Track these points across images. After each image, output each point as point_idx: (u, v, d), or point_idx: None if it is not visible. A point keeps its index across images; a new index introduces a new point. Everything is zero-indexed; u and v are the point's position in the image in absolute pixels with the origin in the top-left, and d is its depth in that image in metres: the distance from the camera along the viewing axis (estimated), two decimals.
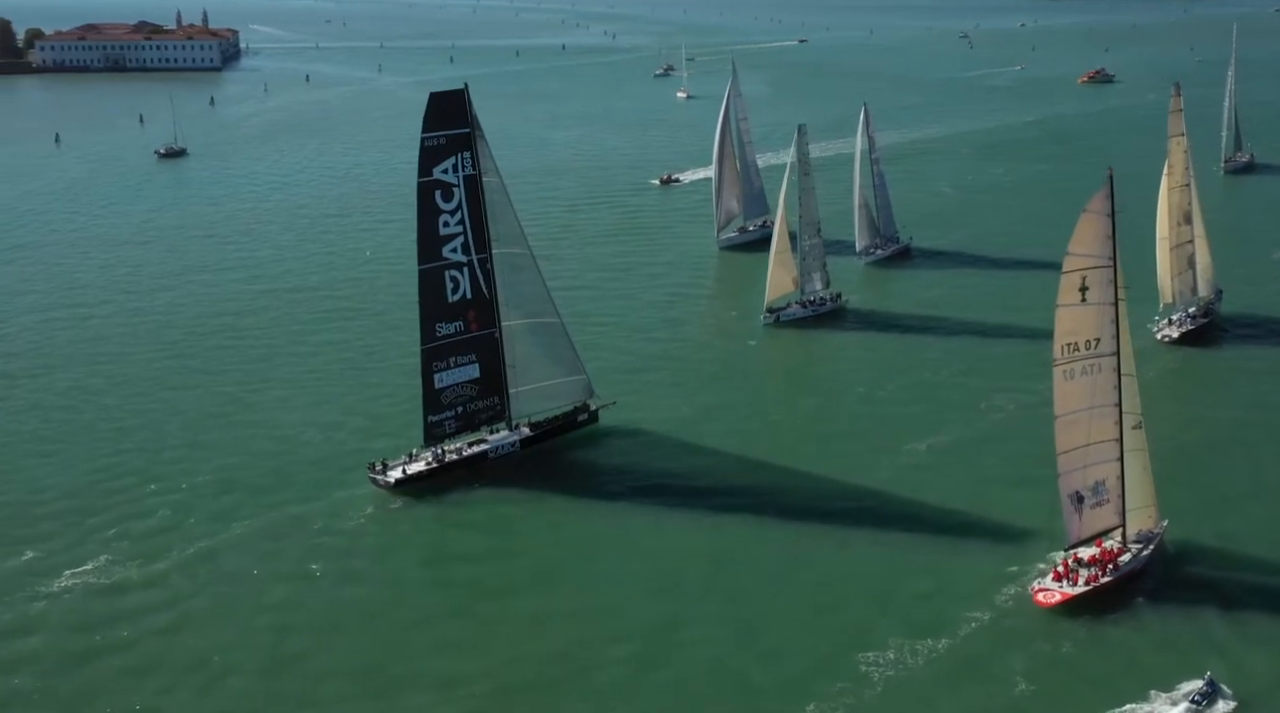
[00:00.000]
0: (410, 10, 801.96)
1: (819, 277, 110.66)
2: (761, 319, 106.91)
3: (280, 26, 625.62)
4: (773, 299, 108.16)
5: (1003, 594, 61.97)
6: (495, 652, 58.31)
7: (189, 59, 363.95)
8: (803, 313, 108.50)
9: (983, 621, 59.77)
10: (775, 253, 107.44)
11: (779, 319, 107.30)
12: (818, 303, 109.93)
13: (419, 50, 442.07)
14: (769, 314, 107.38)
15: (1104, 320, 62.84)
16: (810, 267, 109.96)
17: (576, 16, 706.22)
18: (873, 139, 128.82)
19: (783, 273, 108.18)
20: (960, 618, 59.70)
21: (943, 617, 59.86)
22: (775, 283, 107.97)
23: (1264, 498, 72.68)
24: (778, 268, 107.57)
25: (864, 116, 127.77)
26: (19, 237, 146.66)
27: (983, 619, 59.85)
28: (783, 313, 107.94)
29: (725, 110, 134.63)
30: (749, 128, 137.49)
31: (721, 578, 64.89)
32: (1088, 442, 63.34)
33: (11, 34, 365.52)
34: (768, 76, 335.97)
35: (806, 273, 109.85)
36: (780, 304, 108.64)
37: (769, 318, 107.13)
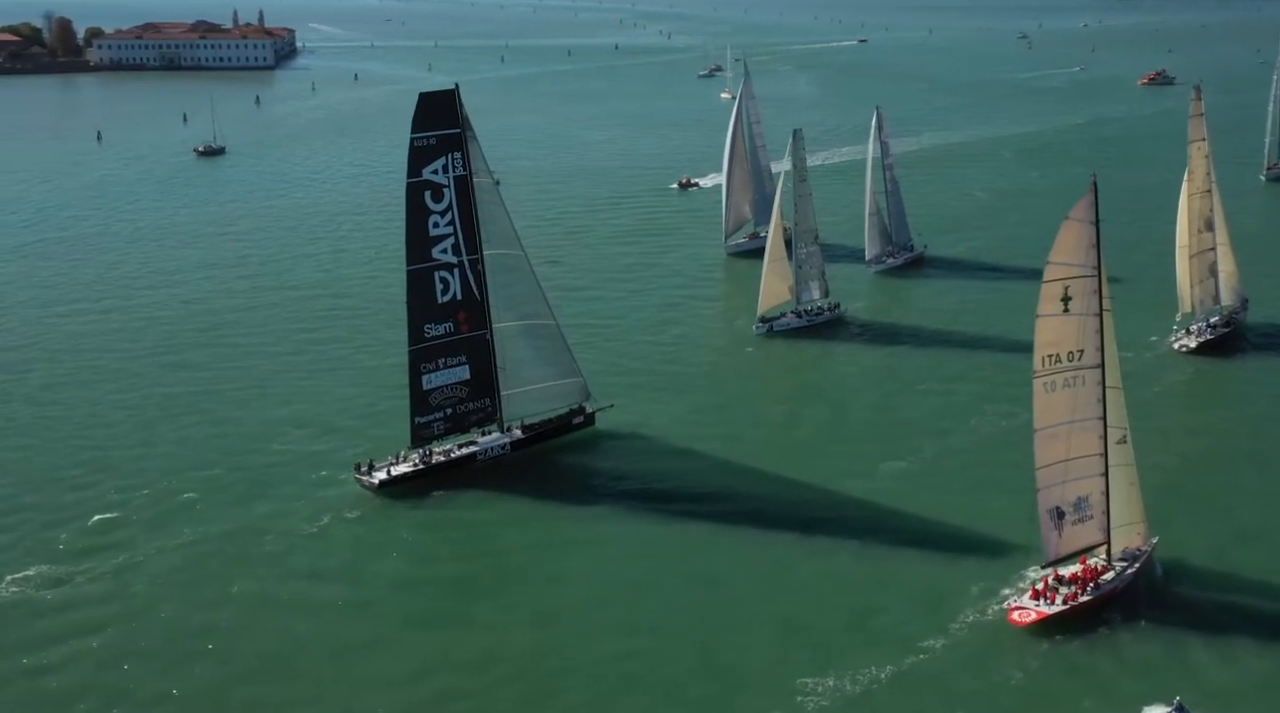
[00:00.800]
0: (471, 10, 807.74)
1: (817, 286, 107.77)
2: (754, 329, 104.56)
3: (339, 25, 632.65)
4: (767, 309, 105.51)
5: (978, 612, 60.17)
6: (448, 657, 57.63)
7: (242, 58, 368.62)
8: (797, 323, 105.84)
9: (953, 639, 58.04)
10: (769, 262, 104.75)
11: (772, 329, 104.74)
12: (814, 313, 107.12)
13: (472, 50, 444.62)
14: (762, 324, 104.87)
15: (1088, 331, 60.90)
16: (807, 276, 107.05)
17: (635, 16, 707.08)
18: (886, 144, 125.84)
19: (778, 282, 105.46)
20: (930, 636, 57.98)
21: (913, 634, 58.18)
22: (769, 292, 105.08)
23: (1267, 517, 70.12)
24: (772, 277, 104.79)
25: (876, 121, 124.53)
26: (38, 232, 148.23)
27: (954, 637, 58.12)
28: (776, 323, 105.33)
29: (737, 113, 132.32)
30: (762, 131, 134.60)
31: (692, 589, 63.52)
32: (1069, 456, 61.45)
33: (72, 33, 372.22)
34: (817, 77, 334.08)
35: (803, 282, 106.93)
36: (775, 314, 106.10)
37: (762, 328, 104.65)
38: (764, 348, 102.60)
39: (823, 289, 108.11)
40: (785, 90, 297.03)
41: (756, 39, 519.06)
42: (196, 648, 58.32)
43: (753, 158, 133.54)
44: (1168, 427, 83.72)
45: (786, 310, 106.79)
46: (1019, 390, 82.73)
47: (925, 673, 55.46)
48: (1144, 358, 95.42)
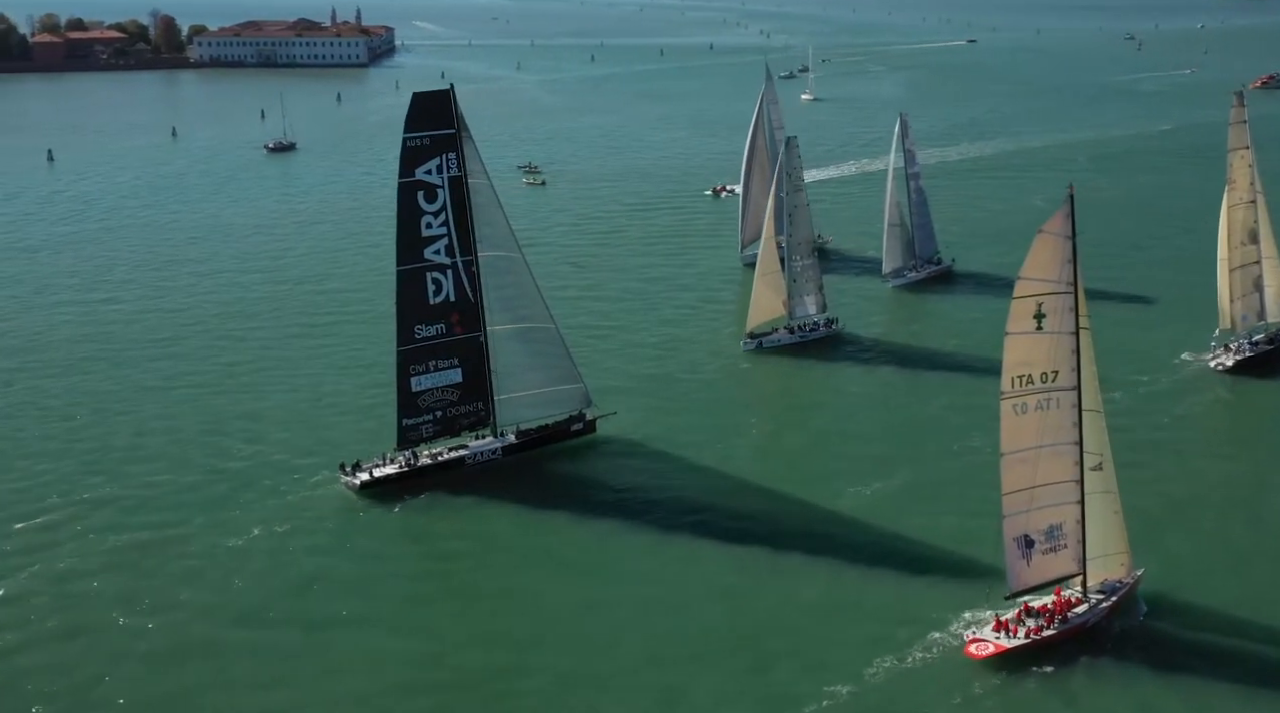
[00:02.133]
0: (581, 8, 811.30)
1: (813, 301, 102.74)
2: (741, 345, 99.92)
3: (443, 23, 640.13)
4: (757, 325, 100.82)
5: (937, 643, 57.45)
6: (384, 668, 56.93)
7: (336, 55, 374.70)
8: (789, 340, 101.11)
9: (905, 669, 55.52)
10: (761, 275, 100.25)
11: (761, 346, 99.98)
12: (808, 329, 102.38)
13: (566, 48, 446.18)
14: (750, 340, 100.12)
15: (1063, 351, 57.74)
16: (802, 290, 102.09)
17: (741, 16, 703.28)
18: (911, 153, 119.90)
19: (769, 296, 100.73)
20: (882, 665, 55.55)
21: (862, 662, 55.81)
22: (759, 307, 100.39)
23: (1272, 554, 65.97)
24: (764, 291, 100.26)
25: (899, 129, 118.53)
26: (77, 225, 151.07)
27: (906, 668, 55.61)
28: (766, 339, 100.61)
29: (756, 119, 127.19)
30: (784, 138, 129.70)
31: (650, 609, 61.85)
32: (1040, 482, 58.34)
33: (176, 30, 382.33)
34: (905, 78, 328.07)
35: (798, 297, 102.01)
36: (766, 330, 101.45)
37: (750, 344, 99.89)
38: (753, 365, 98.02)
39: (819, 304, 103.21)
40: (867, 92, 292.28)
41: (856, 39, 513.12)
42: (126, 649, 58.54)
43: (774, 163, 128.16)
44: (1189, 449, 79.85)
45: (779, 326, 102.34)
46: None
47: (867, 706, 53.11)
48: (1176, 375, 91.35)
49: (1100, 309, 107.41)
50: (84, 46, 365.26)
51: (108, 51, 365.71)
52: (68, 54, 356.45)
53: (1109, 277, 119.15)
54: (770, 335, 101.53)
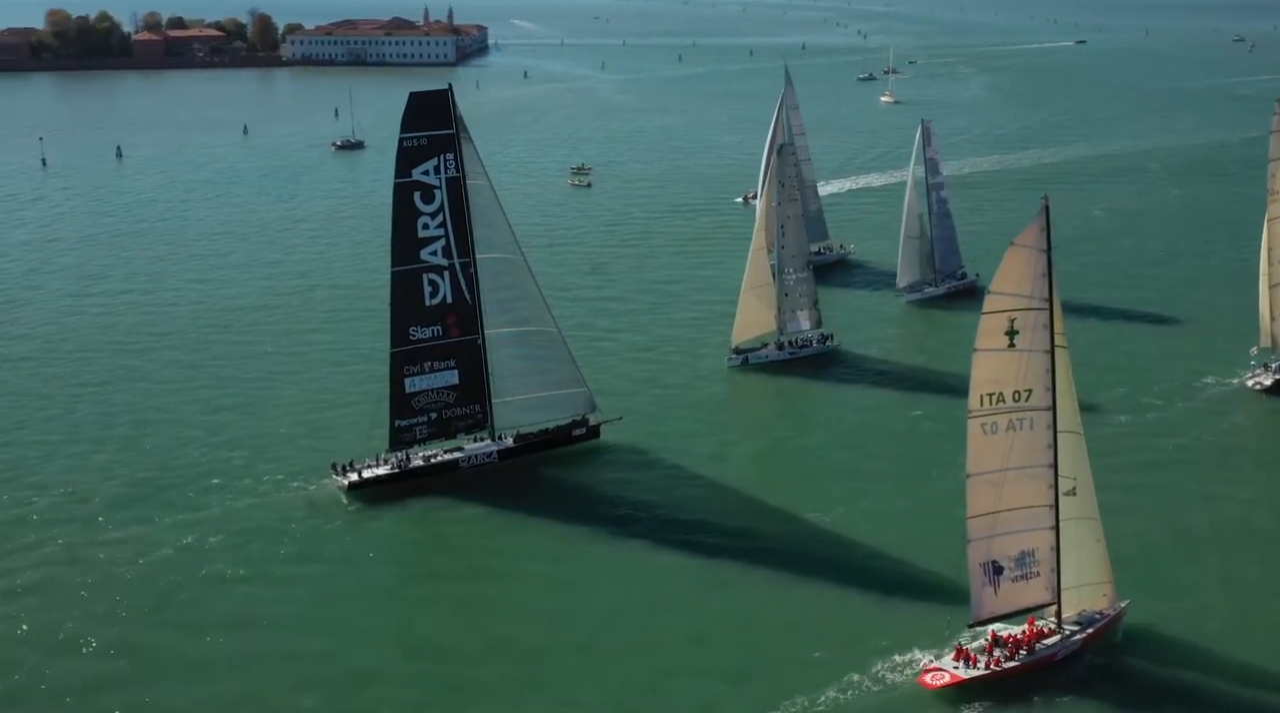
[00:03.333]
0: (684, 8, 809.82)
1: (806, 315, 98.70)
2: (726, 360, 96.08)
3: (542, 22, 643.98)
4: (744, 339, 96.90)
5: (895, 669, 55.02)
6: (331, 673, 56.44)
7: (425, 54, 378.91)
8: (778, 356, 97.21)
9: (856, 696, 53.31)
10: (749, 287, 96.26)
11: (747, 361, 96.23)
12: (799, 345, 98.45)
13: (657, 48, 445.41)
14: (735, 355, 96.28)
15: (1036, 370, 54.99)
16: (795, 303, 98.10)
17: (844, 15, 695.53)
18: (934, 162, 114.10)
19: (759, 309, 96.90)
20: (828, 693, 53.30)
21: (814, 687, 53.66)
22: (746, 321, 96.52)
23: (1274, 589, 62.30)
24: (753, 303, 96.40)
25: (920, 137, 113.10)
26: (116, 221, 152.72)
27: (857, 694, 53.39)
28: (753, 355, 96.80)
29: (775, 125, 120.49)
30: (806, 144, 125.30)
31: (612, 621, 60.63)
32: (1010, 506, 55.61)
33: (272, 28, 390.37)
34: (994, 81, 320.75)
35: (790, 311, 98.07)
36: (754, 344, 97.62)
37: (735, 359, 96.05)
38: (747, 379, 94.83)
39: (814, 319, 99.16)
40: (951, 95, 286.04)
41: (957, 39, 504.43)
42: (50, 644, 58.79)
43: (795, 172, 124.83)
44: (1212, 473, 76.02)
45: (769, 341, 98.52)
46: None
47: None
48: (1208, 394, 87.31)
49: (1135, 323, 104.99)
50: (182, 44, 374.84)
51: (204, 49, 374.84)
52: (166, 51, 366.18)
53: (1150, 289, 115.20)
54: (758, 350, 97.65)
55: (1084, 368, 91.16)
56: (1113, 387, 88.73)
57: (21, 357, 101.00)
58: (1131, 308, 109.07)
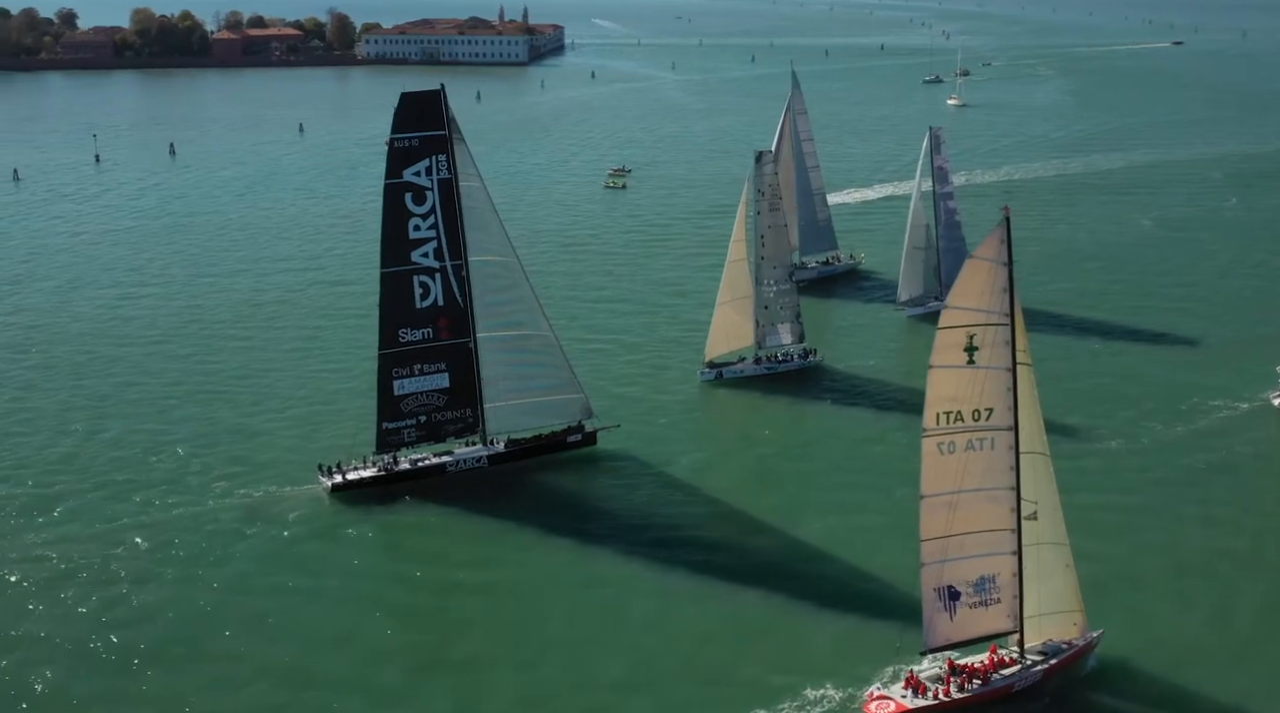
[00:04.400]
0: (772, 7, 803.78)
1: (788, 329, 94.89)
2: (699, 374, 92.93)
3: (624, 21, 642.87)
4: (720, 353, 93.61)
5: (839, 693, 53.26)
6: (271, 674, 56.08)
7: (496, 53, 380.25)
8: (754, 371, 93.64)
9: None
10: (725, 300, 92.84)
11: (721, 376, 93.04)
12: (778, 360, 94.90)
13: (733, 48, 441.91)
14: (709, 369, 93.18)
15: (998, 388, 52.74)
16: (776, 316, 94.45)
17: (932, 15, 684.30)
18: (943, 170, 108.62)
19: (736, 322, 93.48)
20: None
21: (745, 710, 52.23)
22: (722, 334, 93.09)
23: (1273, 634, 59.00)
24: (731, 316, 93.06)
25: (928, 144, 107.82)
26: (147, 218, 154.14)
27: None
28: (728, 369, 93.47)
29: (782, 130, 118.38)
30: (814, 149, 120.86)
31: (568, 632, 59.81)
32: (968, 530, 53.49)
33: (349, 27, 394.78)
34: (1075, 83, 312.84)
35: (770, 324, 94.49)
36: (730, 358, 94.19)
37: (709, 373, 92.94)
38: (737, 392, 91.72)
39: (796, 333, 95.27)
40: (1024, 97, 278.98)
41: (1045, 40, 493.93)
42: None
43: (801, 179, 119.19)
44: (1220, 497, 72.81)
45: (747, 355, 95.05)
46: None
47: None
48: (1231, 412, 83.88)
49: (1151, 340, 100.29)
50: (260, 43, 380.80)
51: (281, 48, 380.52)
52: (244, 50, 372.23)
53: (1176, 304, 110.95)
54: (733, 365, 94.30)
55: (1093, 387, 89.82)
56: (1119, 407, 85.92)
57: (14, 347, 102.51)
58: (1149, 324, 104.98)
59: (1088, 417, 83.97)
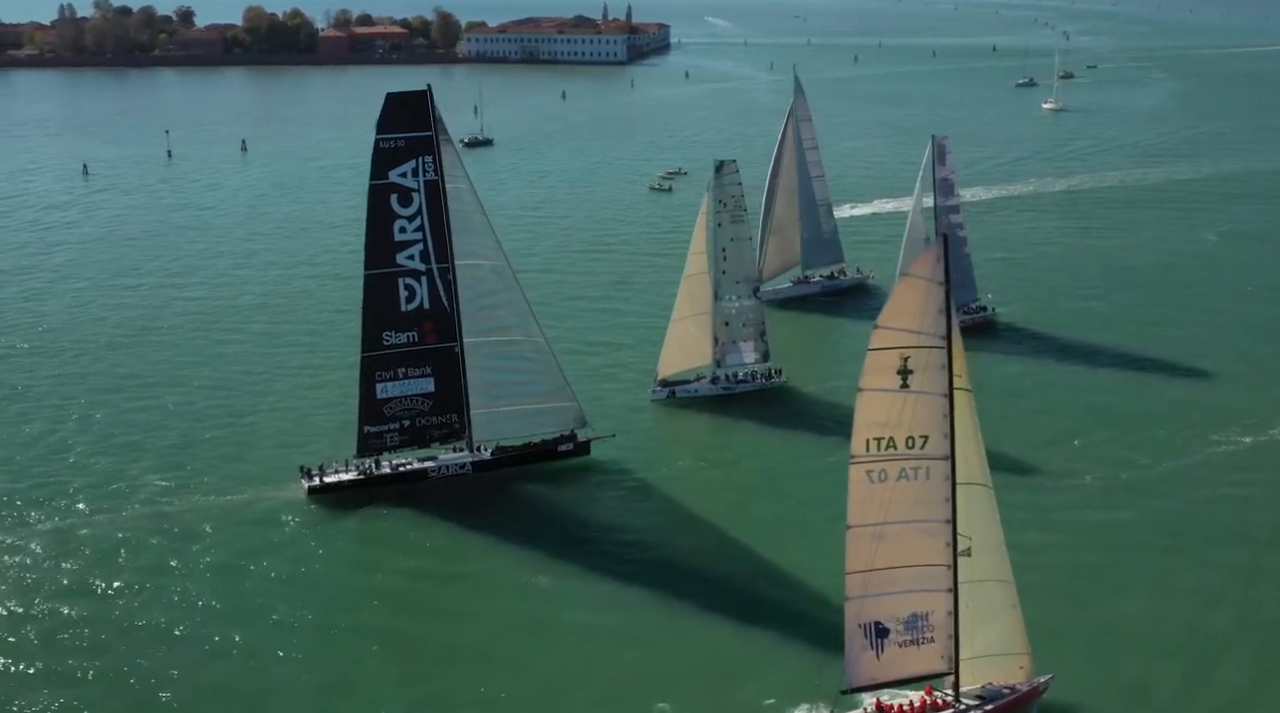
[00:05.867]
0: (896, 6, 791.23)
1: (751, 347, 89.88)
2: (651, 392, 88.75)
3: (737, 20, 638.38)
4: (676, 370, 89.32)
5: None
6: None
7: (596, 53, 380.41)
8: (711, 390, 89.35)
9: None
10: (683, 315, 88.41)
11: (674, 394, 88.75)
12: (739, 379, 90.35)
13: (839, 48, 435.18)
14: (661, 387, 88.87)
15: (933, 415, 49.47)
16: (738, 334, 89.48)
17: (1065, 16, 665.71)
18: (948, 182, 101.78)
19: (695, 337, 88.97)
20: None
21: None
22: (679, 350, 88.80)
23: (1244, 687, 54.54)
24: (689, 331, 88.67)
25: (930, 156, 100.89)
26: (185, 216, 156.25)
27: None
28: (681, 388, 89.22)
29: (784, 136, 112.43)
30: (819, 157, 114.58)
31: (497, 645, 58.32)
32: (900, 563, 50.29)
33: (454, 26, 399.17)
34: (1186, 87, 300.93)
35: (731, 341, 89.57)
36: (686, 376, 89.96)
37: (661, 392, 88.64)
38: (653, 414, 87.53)
39: (761, 351, 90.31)
40: (1126, 101, 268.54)
41: (1170, 41, 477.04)
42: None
43: (804, 189, 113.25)
44: (1217, 530, 67.91)
45: (704, 374, 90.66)
46: None
47: None
48: (1231, 447, 79.06)
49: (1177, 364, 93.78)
50: (365, 41, 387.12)
51: (385, 46, 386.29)
52: (349, 48, 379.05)
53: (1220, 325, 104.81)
54: (688, 383, 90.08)
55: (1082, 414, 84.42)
56: (1106, 436, 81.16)
57: (11, 346, 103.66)
58: (1169, 348, 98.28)
59: (1066, 447, 79.46)
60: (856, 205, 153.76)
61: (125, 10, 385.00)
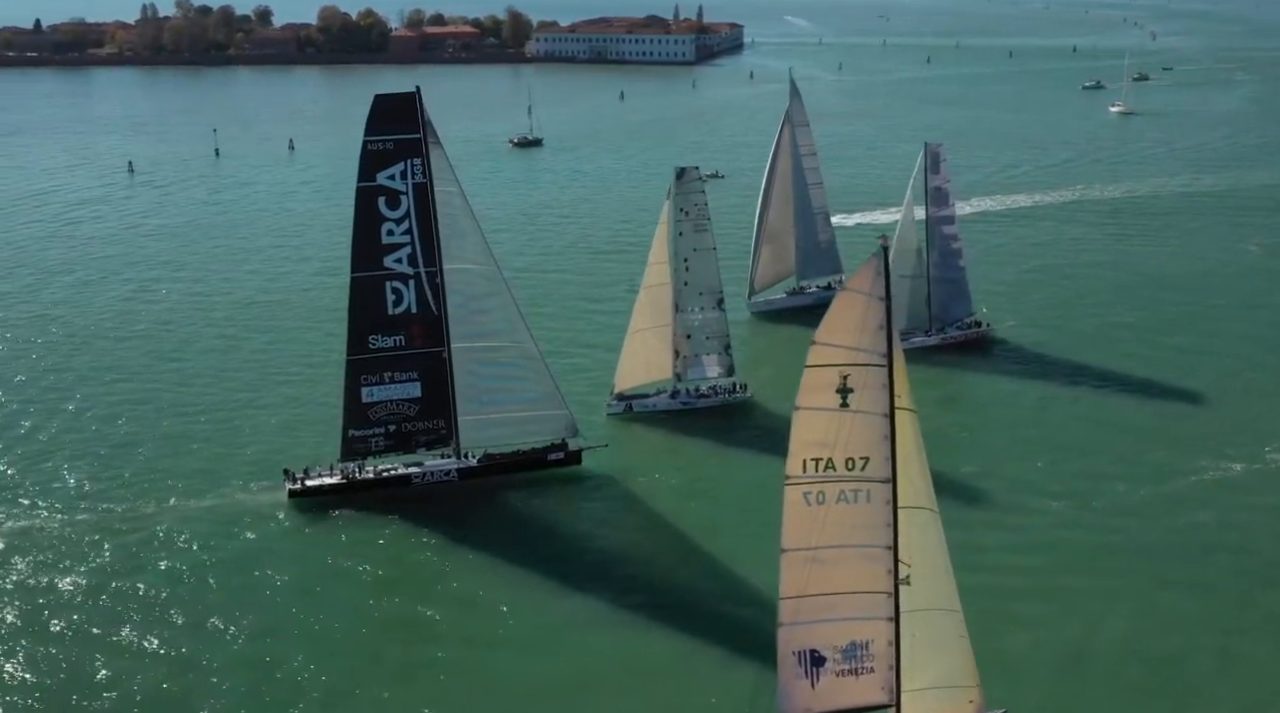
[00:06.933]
0: (985, 6, 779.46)
1: (715, 361, 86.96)
2: (606, 406, 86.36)
3: (817, 19, 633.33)
4: (635, 384, 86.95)
5: None
6: None
7: (663, 53, 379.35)
8: (668, 405, 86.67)
9: None
10: (645, 328, 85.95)
11: (630, 408, 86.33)
12: (701, 394, 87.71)
13: (914, 48, 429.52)
14: (617, 401, 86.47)
15: (874, 436, 47.37)
16: (700, 347, 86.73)
17: (1153, 15, 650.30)
18: (942, 191, 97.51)
19: (654, 349, 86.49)
20: None
21: None
22: (640, 362, 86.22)
23: None
24: (651, 343, 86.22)
25: (923, 162, 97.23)
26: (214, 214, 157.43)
27: None
28: (638, 402, 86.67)
29: (779, 142, 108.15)
30: (818, 163, 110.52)
31: (439, 655, 57.33)
32: (839, 589, 48.24)
33: (524, 25, 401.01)
34: (1273, 90, 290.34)
35: (693, 355, 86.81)
36: (646, 390, 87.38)
37: (617, 406, 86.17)
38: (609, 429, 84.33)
39: (725, 366, 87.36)
40: (1203, 105, 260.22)
41: (1264, 43, 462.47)
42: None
43: (800, 197, 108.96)
44: (1193, 559, 64.75)
45: (664, 388, 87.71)
46: None
47: None
48: (1220, 474, 75.20)
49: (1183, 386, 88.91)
50: (436, 40, 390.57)
51: (455, 45, 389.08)
52: (420, 47, 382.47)
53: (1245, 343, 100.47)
54: (647, 397, 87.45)
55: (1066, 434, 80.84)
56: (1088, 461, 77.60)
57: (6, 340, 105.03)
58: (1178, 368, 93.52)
59: (1040, 468, 76.10)
60: (882, 210, 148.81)
61: (205, 10, 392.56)
